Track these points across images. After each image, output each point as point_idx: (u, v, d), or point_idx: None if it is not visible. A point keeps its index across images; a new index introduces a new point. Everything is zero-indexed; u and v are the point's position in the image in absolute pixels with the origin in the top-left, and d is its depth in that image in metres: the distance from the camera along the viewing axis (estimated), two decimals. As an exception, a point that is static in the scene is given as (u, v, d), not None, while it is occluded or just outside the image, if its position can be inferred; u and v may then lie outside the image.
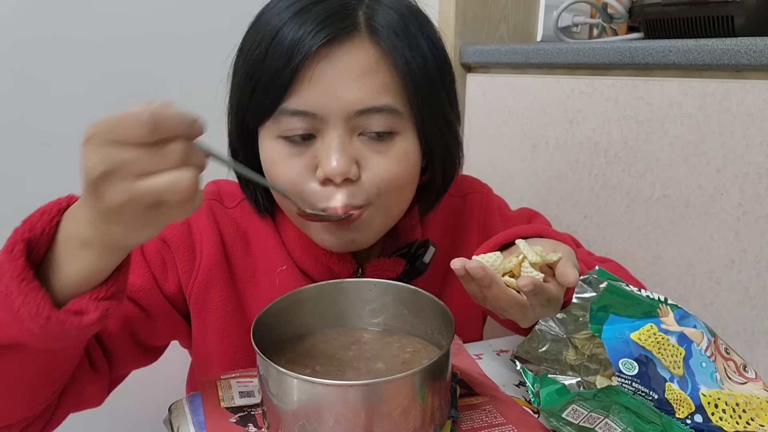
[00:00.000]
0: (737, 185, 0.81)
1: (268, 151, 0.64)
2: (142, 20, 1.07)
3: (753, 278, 0.81)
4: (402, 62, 0.61)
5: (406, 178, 0.65)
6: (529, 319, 0.57)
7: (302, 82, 0.59)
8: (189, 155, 0.42)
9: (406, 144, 0.64)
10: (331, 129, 0.61)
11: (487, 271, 0.53)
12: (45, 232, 0.47)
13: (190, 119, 0.42)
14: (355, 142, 0.62)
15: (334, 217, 0.62)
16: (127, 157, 0.40)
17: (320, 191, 0.62)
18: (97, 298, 0.47)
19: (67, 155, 1.04)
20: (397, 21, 0.62)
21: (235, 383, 0.62)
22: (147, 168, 0.40)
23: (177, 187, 0.41)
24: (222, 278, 0.70)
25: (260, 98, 0.62)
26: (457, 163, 0.72)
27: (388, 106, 0.61)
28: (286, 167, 0.62)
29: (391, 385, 0.47)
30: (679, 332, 0.56)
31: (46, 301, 0.45)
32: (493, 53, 1.14)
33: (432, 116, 0.65)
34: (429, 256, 0.73)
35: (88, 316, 0.46)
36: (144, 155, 0.40)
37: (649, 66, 0.89)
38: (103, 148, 0.41)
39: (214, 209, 0.72)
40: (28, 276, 0.45)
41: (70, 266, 0.46)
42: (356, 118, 0.61)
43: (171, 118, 0.40)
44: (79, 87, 1.03)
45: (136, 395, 0.75)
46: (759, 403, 0.54)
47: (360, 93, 0.60)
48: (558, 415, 0.53)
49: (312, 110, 0.60)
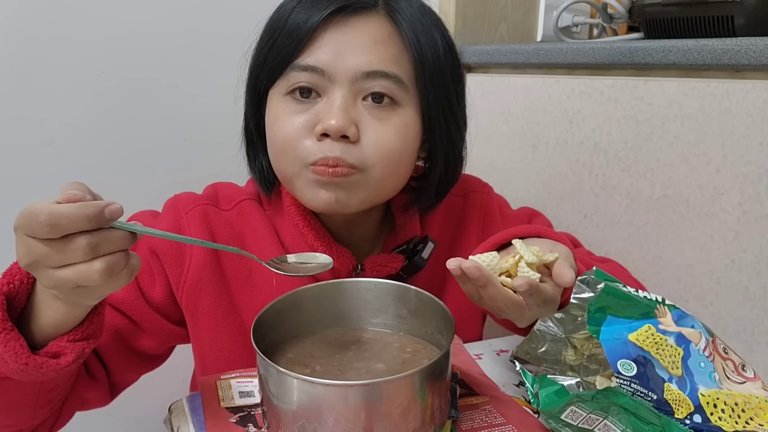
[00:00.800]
0: (737, 185, 0.81)
1: (274, 108, 0.67)
2: (142, 20, 1.07)
3: (753, 278, 0.81)
4: (414, 41, 0.65)
5: (402, 150, 0.66)
6: (526, 319, 0.57)
7: (316, 40, 0.63)
8: (97, 246, 0.44)
9: (407, 118, 0.66)
10: (336, 88, 0.63)
11: (483, 271, 0.53)
12: (23, 282, 0.50)
13: (95, 211, 0.43)
14: (358, 105, 0.65)
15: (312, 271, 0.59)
16: (41, 251, 0.43)
17: (315, 145, 0.64)
18: (73, 339, 0.51)
19: (68, 155, 1.05)
20: (416, 10, 0.66)
21: (235, 383, 0.62)
22: (57, 262, 0.44)
23: (88, 278, 0.44)
24: (212, 281, 0.70)
25: (274, 56, 0.65)
26: (460, 163, 0.73)
27: (394, 73, 0.64)
28: (288, 122, 0.65)
29: (391, 385, 0.47)
30: (677, 332, 0.56)
31: (24, 348, 0.49)
32: (493, 53, 1.14)
33: (437, 101, 0.67)
34: (428, 251, 0.73)
35: (64, 358, 0.50)
36: (52, 251, 0.43)
37: (649, 66, 0.89)
38: (25, 239, 0.44)
39: (207, 213, 0.72)
40: (6, 327, 0.48)
41: (47, 313, 0.50)
42: (362, 80, 0.63)
43: (70, 216, 0.42)
44: (80, 87, 1.03)
45: (136, 395, 0.75)
46: (758, 403, 0.54)
47: (369, 57, 0.63)
48: (557, 417, 0.54)
49: (321, 66, 0.63)
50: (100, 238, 0.44)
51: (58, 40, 1.00)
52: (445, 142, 0.69)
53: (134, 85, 1.07)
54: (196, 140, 1.15)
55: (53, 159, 1.03)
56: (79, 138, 1.05)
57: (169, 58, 1.09)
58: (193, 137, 1.14)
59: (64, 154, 1.04)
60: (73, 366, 0.51)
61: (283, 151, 0.66)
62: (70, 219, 0.42)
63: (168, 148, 1.13)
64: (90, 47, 1.03)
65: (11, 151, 1.00)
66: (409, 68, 0.65)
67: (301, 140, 0.64)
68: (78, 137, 1.05)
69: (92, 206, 0.43)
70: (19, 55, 0.98)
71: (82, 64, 1.03)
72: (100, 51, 1.04)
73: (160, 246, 0.69)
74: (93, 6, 1.02)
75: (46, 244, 0.43)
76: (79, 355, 0.51)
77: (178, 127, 1.13)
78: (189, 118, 1.13)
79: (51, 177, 1.04)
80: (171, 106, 1.11)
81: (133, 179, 1.10)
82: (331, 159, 0.63)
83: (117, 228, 0.45)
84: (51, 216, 0.42)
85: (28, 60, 0.99)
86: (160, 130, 1.12)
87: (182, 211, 0.72)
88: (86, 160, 1.06)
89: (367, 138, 0.64)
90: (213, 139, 1.08)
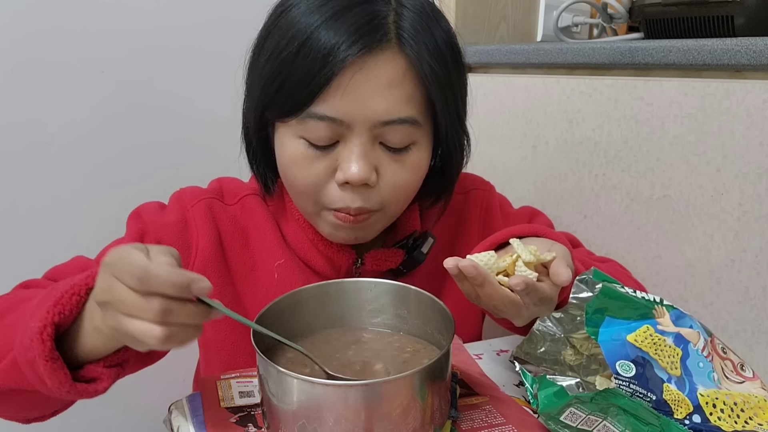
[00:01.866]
0: (737, 185, 0.81)
1: (289, 149, 0.65)
2: (142, 21, 1.07)
3: (753, 278, 0.81)
4: (428, 70, 0.62)
5: (416, 185, 0.68)
6: (524, 318, 0.57)
7: (335, 90, 0.60)
8: (169, 314, 0.45)
9: (421, 153, 0.66)
10: (355, 136, 0.62)
11: (480, 270, 0.53)
12: (72, 313, 0.51)
13: (183, 282, 0.44)
14: (376, 149, 0.64)
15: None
16: (121, 296, 0.45)
17: (337, 194, 0.64)
18: (109, 365, 0.53)
19: (68, 155, 1.05)
20: (422, 25, 0.63)
21: (235, 383, 0.63)
22: (130, 311, 0.45)
23: (145, 338, 0.45)
24: (216, 274, 0.71)
25: (286, 98, 0.62)
26: (462, 161, 0.73)
27: (411, 117, 0.63)
28: (307, 169, 0.64)
29: (391, 385, 0.47)
30: (675, 333, 0.56)
31: (67, 377, 0.50)
32: (493, 53, 1.14)
33: (449, 119, 0.66)
34: (427, 246, 0.74)
35: (101, 384, 0.52)
36: (131, 298, 0.44)
37: (649, 66, 0.89)
38: (110, 278, 0.45)
39: (213, 207, 0.73)
40: (54, 356, 0.49)
41: (87, 341, 0.51)
42: (380, 128, 0.62)
43: (159, 279, 0.43)
44: (81, 88, 1.03)
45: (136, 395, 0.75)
46: (757, 402, 0.54)
47: (386, 104, 0.61)
48: (556, 418, 0.53)
49: (340, 117, 0.61)
50: (175, 307, 0.45)
51: (58, 41, 1.00)
52: (454, 146, 0.70)
53: (134, 85, 1.08)
54: (195, 141, 1.15)
55: (53, 159, 1.04)
56: (79, 138, 1.05)
57: (168, 58, 1.10)
58: (192, 138, 1.15)
59: (64, 154, 1.04)
60: (107, 388, 0.53)
61: (304, 193, 0.66)
62: (159, 280, 0.43)
63: (167, 149, 1.13)
64: (90, 48, 1.03)
65: (11, 151, 1.00)
66: (422, 101, 0.64)
67: (321, 186, 0.65)
68: (78, 137, 1.05)
69: (183, 276, 0.44)
70: (20, 56, 0.98)
71: (82, 65, 1.03)
72: (100, 51, 1.04)
73: (166, 239, 0.70)
74: (93, 7, 1.02)
75: (127, 292, 0.44)
76: (113, 380, 0.53)
77: (178, 127, 1.13)
78: (189, 118, 1.14)
79: (51, 177, 1.04)
80: (171, 106, 1.11)
81: (132, 179, 1.10)
82: (354, 209, 0.64)
83: (199, 301, 0.46)
84: (145, 273, 0.43)
85: (29, 61, 0.99)
86: (160, 131, 1.12)
87: (188, 204, 0.72)
88: (86, 160, 1.07)
89: (384, 180, 0.65)
90: (213, 140, 1.08)
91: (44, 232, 1.05)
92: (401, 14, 0.62)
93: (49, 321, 0.49)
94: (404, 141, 0.64)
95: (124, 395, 0.72)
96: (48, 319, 0.49)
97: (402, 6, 0.63)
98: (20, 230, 1.02)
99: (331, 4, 0.61)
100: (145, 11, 1.07)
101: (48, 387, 0.50)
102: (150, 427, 0.78)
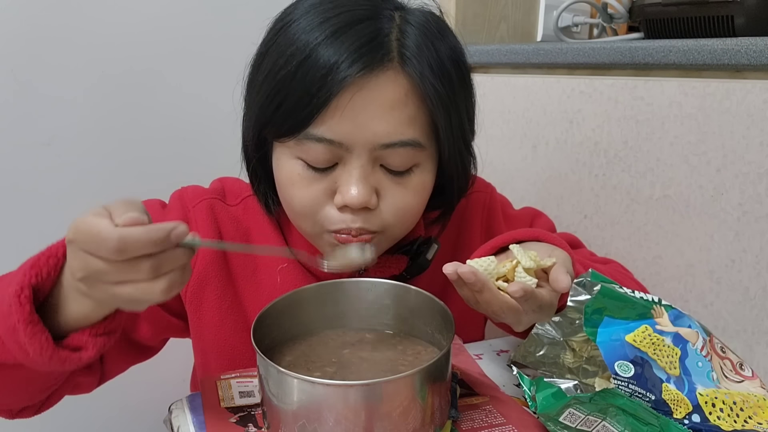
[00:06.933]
0: (737, 185, 0.81)
1: (287, 170, 0.63)
2: (142, 21, 1.07)
3: (753, 278, 0.81)
4: (431, 91, 0.60)
5: (420, 207, 0.66)
6: (523, 323, 0.57)
7: (334, 111, 0.58)
8: (160, 267, 0.44)
9: (424, 175, 0.64)
10: (355, 158, 0.60)
11: (479, 276, 0.53)
12: (50, 276, 0.50)
13: (162, 236, 0.44)
14: (377, 171, 0.62)
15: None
16: (101, 268, 0.44)
17: (337, 215, 0.62)
18: (95, 334, 0.51)
19: (68, 156, 1.05)
20: (426, 43, 0.60)
21: (235, 383, 0.63)
22: (119, 279, 0.44)
23: (150, 296, 0.44)
24: (217, 276, 0.71)
25: (284, 119, 0.60)
26: (466, 185, 0.72)
27: (413, 140, 0.61)
28: (305, 190, 0.62)
29: (391, 385, 0.47)
30: (674, 332, 0.56)
31: (49, 342, 0.49)
32: (493, 53, 1.14)
33: (452, 141, 0.64)
34: (432, 252, 0.73)
35: (86, 352, 0.51)
36: (113, 269, 0.44)
37: (649, 66, 0.89)
38: (82, 254, 0.44)
39: (214, 207, 0.72)
40: (33, 319, 0.48)
41: (72, 308, 0.50)
42: (380, 150, 0.60)
43: (139, 241, 0.43)
44: (81, 88, 1.04)
45: (136, 395, 0.75)
46: (756, 401, 0.54)
47: (387, 126, 0.59)
48: (555, 419, 0.54)
49: (339, 140, 0.59)
50: (163, 259, 0.44)
51: (58, 41, 1.00)
52: (458, 168, 0.68)
53: (134, 85, 1.08)
54: (195, 141, 1.15)
55: (53, 159, 1.04)
56: (79, 138, 1.05)
57: (168, 59, 1.10)
58: (192, 138, 1.15)
59: (64, 154, 1.04)
60: (94, 359, 0.52)
61: (303, 215, 0.65)
62: (138, 244, 0.43)
63: (167, 149, 1.13)
64: (90, 48, 1.03)
65: (11, 151, 1.00)
66: (426, 124, 0.61)
67: (320, 208, 0.63)
68: (78, 137, 1.05)
69: (160, 231, 0.44)
70: (20, 56, 0.98)
71: (82, 65, 1.03)
72: (101, 52, 1.04)
73: None
74: (93, 7, 1.02)
75: (108, 263, 0.43)
76: (100, 350, 0.51)
77: (178, 127, 1.13)
78: (189, 118, 1.14)
79: (51, 177, 1.05)
80: (171, 106, 1.11)
81: (132, 179, 1.10)
82: (354, 230, 0.62)
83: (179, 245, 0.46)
84: (120, 242, 0.42)
85: (29, 61, 0.99)
86: (160, 131, 1.12)
87: (189, 204, 0.72)
88: (86, 160, 1.07)
89: (386, 203, 0.63)
90: (213, 140, 1.08)
91: (44, 232, 1.05)
92: (405, 32, 0.60)
93: (26, 283, 0.48)
94: (406, 164, 0.62)
95: (124, 395, 0.72)
96: (25, 281, 0.48)
97: (406, 23, 0.61)
98: (20, 230, 1.02)
99: (332, 20, 0.58)
100: (145, 11, 1.07)
101: (30, 357, 0.49)
102: (150, 427, 0.78)
